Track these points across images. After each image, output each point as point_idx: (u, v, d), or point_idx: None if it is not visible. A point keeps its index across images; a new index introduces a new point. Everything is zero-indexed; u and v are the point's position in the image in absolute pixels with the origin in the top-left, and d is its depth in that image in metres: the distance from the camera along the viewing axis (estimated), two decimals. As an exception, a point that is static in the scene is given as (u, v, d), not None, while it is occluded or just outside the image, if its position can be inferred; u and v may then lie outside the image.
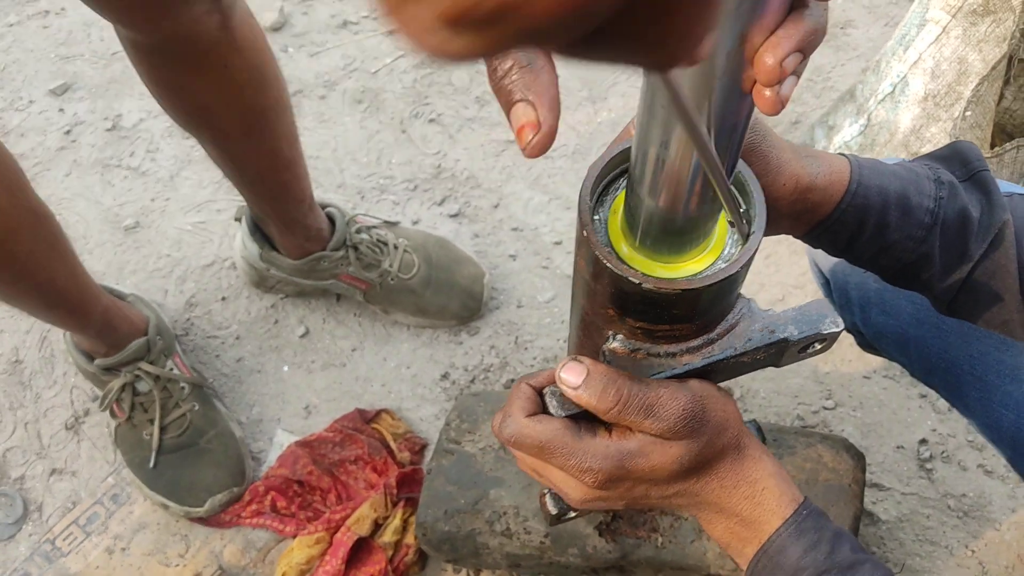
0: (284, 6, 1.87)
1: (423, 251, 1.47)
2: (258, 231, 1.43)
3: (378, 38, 1.85)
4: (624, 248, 0.56)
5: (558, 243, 1.58)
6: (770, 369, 1.42)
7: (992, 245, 0.70)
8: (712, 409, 0.60)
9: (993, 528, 1.29)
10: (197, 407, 1.37)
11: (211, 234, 1.62)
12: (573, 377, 0.59)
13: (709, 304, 0.57)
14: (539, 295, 1.53)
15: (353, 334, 1.52)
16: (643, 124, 0.47)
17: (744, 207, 0.59)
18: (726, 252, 0.57)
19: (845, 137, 1.47)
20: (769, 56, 0.40)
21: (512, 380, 1.45)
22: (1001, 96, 1.42)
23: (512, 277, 1.55)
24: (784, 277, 1.53)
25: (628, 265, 0.54)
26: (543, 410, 0.62)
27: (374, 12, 1.90)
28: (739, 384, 1.42)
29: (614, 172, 0.58)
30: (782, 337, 0.61)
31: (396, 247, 1.45)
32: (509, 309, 1.52)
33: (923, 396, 1.40)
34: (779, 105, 0.42)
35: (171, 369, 1.36)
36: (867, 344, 1.08)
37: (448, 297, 1.47)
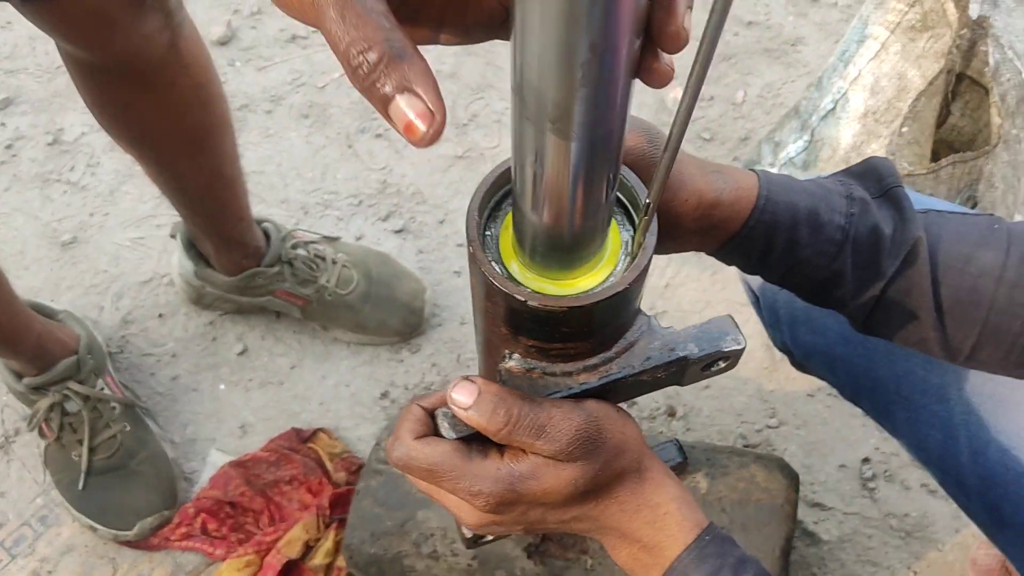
0: (232, 20, 1.85)
1: (363, 266, 1.45)
2: (193, 248, 1.40)
3: (327, 52, 1.83)
4: (515, 266, 0.54)
5: (503, 259, 1.56)
6: (714, 387, 1.41)
7: (905, 262, 0.69)
8: (609, 430, 0.58)
9: (936, 549, 1.27)
10: (128, 427, 1.33)
11: (150, 250, 1.59)
12: (464, 397, 0.56)
13: (602, 322, 0.55)
14: (482, 312, 1.51)
15: (292, 351, 1.49)
16: (516, 135, 0.45)
17: (637, 218, 0.57)
18: (619, 268, 0.55)
19: (790, 153, 1.46)
20: (671, 25, 0.38)
21: (452, 398, 1.43)
22: (948, 113, 1.42)
23: (456, 293, 1.53)
24: (731, 294, 1.51)
25: (516, 283, 0.52)
26: (435, 432, 0.60)
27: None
28: (682, 403, 1.40)
29: (507, 187, 0.56)
30: (682, 355, 0.59)
31: (334, 262, 1.43)
32: (452, 326, 1.50)
33: (866, 415, 1.38)
34: (672, 73, 0.40)
35: (102, 388, 1.33)
36: (799, 363, 1.06)
37: (388, 313, 1.44)
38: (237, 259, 1.35)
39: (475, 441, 0.58)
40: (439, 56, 1.82)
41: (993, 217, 0.73)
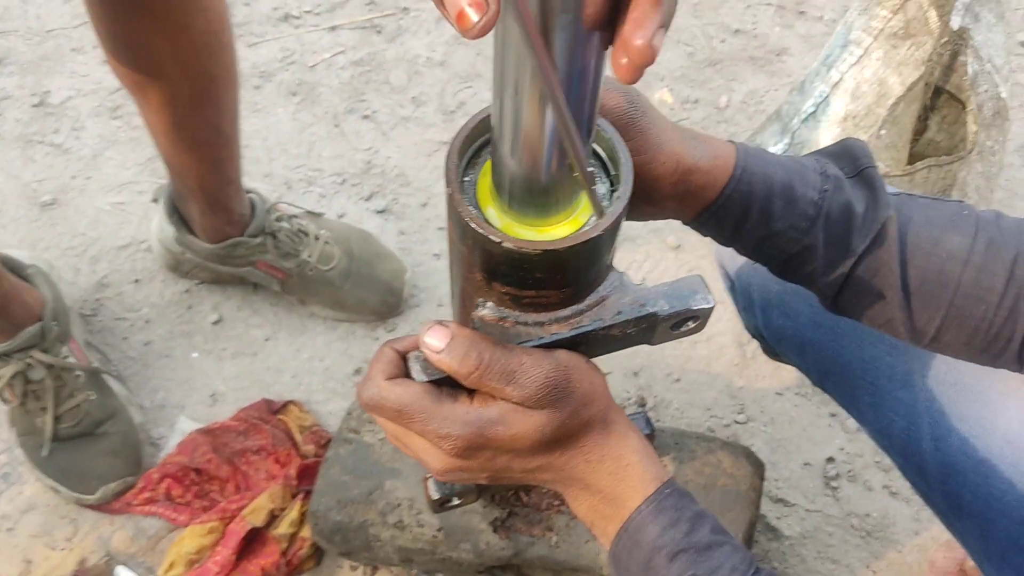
0: (226, -5, 1.85)
1: (345, 244, 1.45)
2: (176, 213, 1.40)
3: (319, 33, 1.84)
4: (492, 211, 0.55)
5: (483, 245, 1.57)
6: (684, 381, 1.43)
7: (875, 242, 0.70)
8: (577, 380, 0.59)
9: (895, 550, 1.29)
10: (94, 396, 1.31)
11: (130, 215, 1.58)
12: (436, 340, 0.57)
13: (575, 269, 0.56)
14: (460, 295, 1.51)
15: (268, 323, 1.48)
16: (498, 71, 0.46)
17: (613, 171, 0.58)
18: (594, 219, 0.56)
19: (771, 156, 1.49)
20: (638, 37, 0.39)
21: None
22: (926, 127, 1.45)
23: (435, 276, 1.53)
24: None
25: (491, 225, 0.53)
26: (406, 375, 0.60)
27: (317, 8, 1.89)
28: (652, 394, 1.41)
29: (487, 134, 0.57)
30: (652, 311, 0.60)
31: (317, 238, 1.43)
32: (429, 307, 1.50)
33: (833, 415, 1.40)
34: (637, 73, 0.41)
35: (66, 357, 1.30)
36: (771, 350, 1.08)
37: (367, 291, 1.44)
38: (221, 225, 1.35)
39: (445, 385, 0.59)
40: (430, 44, 1.83)
41: (962, 204, 0.75)
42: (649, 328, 0.62)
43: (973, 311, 0.71)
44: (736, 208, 0.68)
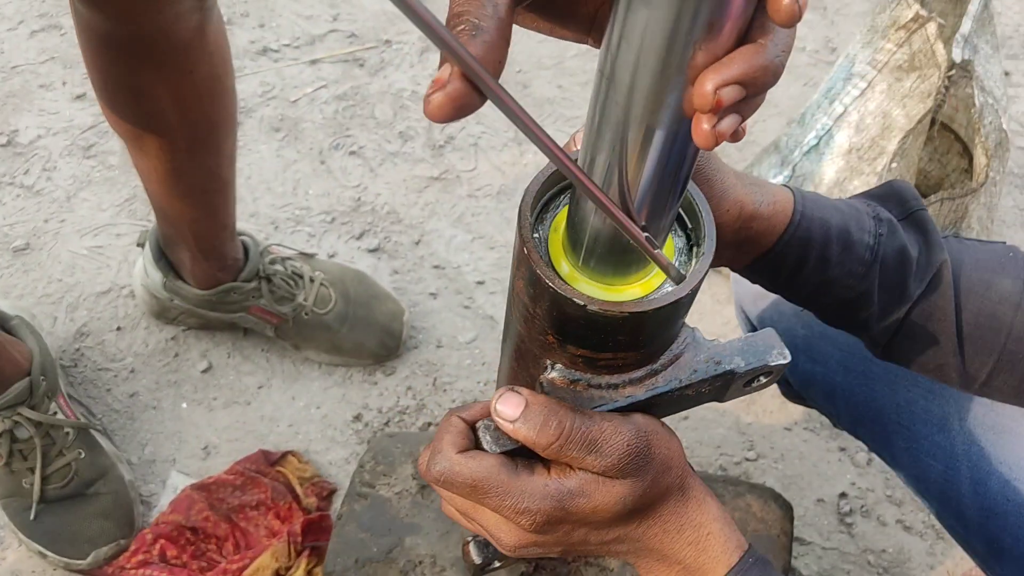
0: (201, 28, 1.79)
1: (340, 285, 1.40)
2: (163, 258, 1.33)
3: (299, 67, 1.80)
4: (565, 268, 0.52)
5: (481, 283, 1.53)
6: (693, 418, 1.40)
7: (930, 286, 0.69)
8: (657, 445, 0.56)
9: (912, 584, 1.28)
10: (83, 455, 1.24)
11: (108, 260, 1.51)
12: (510, 409, 0.53)
13: (656, 330, 0.53)
14: (460, 335, 1.48)
15: (260, 370, 1.43)
16: (592, 130, 0.44)
17: (691, 227, 0.56)
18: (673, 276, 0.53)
19: (769, 188, 1.48)
20: (708, 82, 0.37)
21: (429, 424, 1.39)
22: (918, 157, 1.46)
23: (432, 316, 1.49)
24: (708, 326, 1.51)
25: (571, 286, 0.50)
26: (476, 446, 0.57)
27: (296, 41, 1.85)
28: (662, 433, 1.39)
29: (556, 187, 0.54)
30: (728, 369, 0.58)
31: (312, 280, 1.38)
32: (428, 349, 1.46)
33: (842, 449, 1.39)
34: (712, 139, 0.38)
35: (55, 413, 1.23)
36: (793, 394, 1.06)
37: (365, 334, 1.39)
38: (213, 271, 1.29)
39: (519, 456, 0.55)
40: (414, 77, 1.80)
41: (1007, 245, 0.74)
42: (724, 386, 0.60)
43: None
44: (793, 255, 0.66)
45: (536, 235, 0.53)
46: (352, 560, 1.06)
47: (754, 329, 1.05)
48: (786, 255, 0.66)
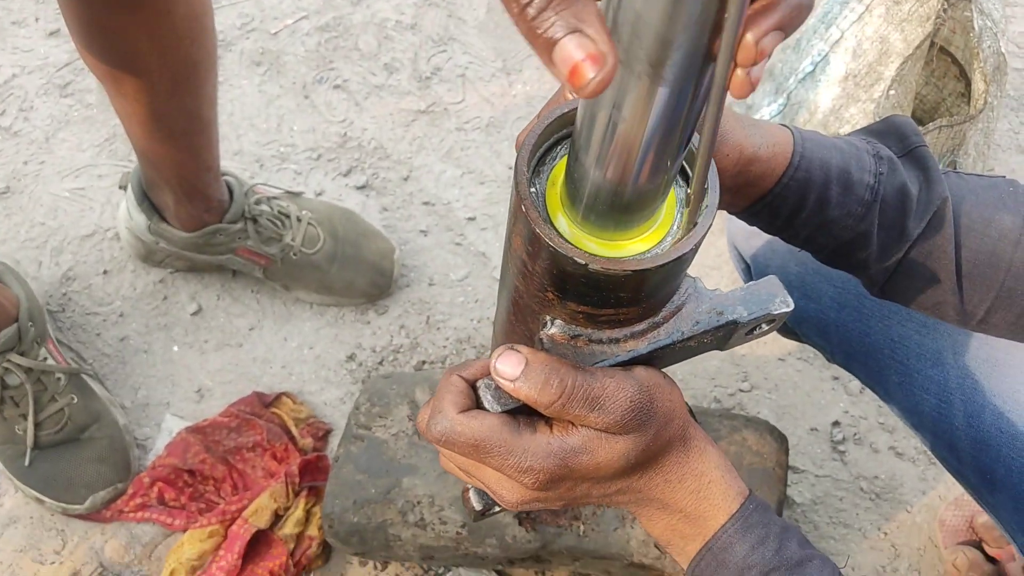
0: (175, -42, 1.73)
1: (328, 224, 1.38)
2: (146, 200, 1.31)
3: (278, -3, 1.74)
4: (563, 224, 0.51)
5: (471, 219, 1.51)
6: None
7: (930, 225, 0.68)
8: (659, 399, 0.55)
9: (905, 510, 1.30)
10: (76, 399, 1.23)
11: (91, 202, 1.48)
12: (510, 368, 0.52)
13: (658, 286, 0.52)
14: (452, 273, 1.46)
15: (250, 312, 1.41)
16: None
17: (691, 173, 0.54)
18: (674, 229, 0.52)
19: (763, 116, 1.45)
20: (749, 34, 0.35)
21: (423, 362, 1.38)
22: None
23: (423, 253, 1.48)
24: (700, 258, 1.50)
25: (571, 244, 0.48)
26: (477, 405, 0.56)
27: (274, -30, 1.78)
28: (656, 366, 1.39)
29: (552, 139, 0.52)
30: (731, 319, 0.56)
31: (299, 220, 1.36)
32: (420, 287, 1.45)
33: (836, 378, 1.40)
34: (749, 88, 0.37)
35: (44, 358, 1.22)
36: (786, 330, 1.05)
37: (355, 273, 1.38)
38: (198, 213, 1.27)
39: (520, 414, 0.54)
40: (398, 6, 1.74)
41: (1007, 179, 0.73)
42: (725, 335, 0.59)
43: (1023, 291, 0.69)
44: (793, 197, 0.64)
45: (533, 190, 0.51)
46: (350, 502, 1.07)
47: (746, 265, 1.04)
48: (785, 198, 0.64)
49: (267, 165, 1.54)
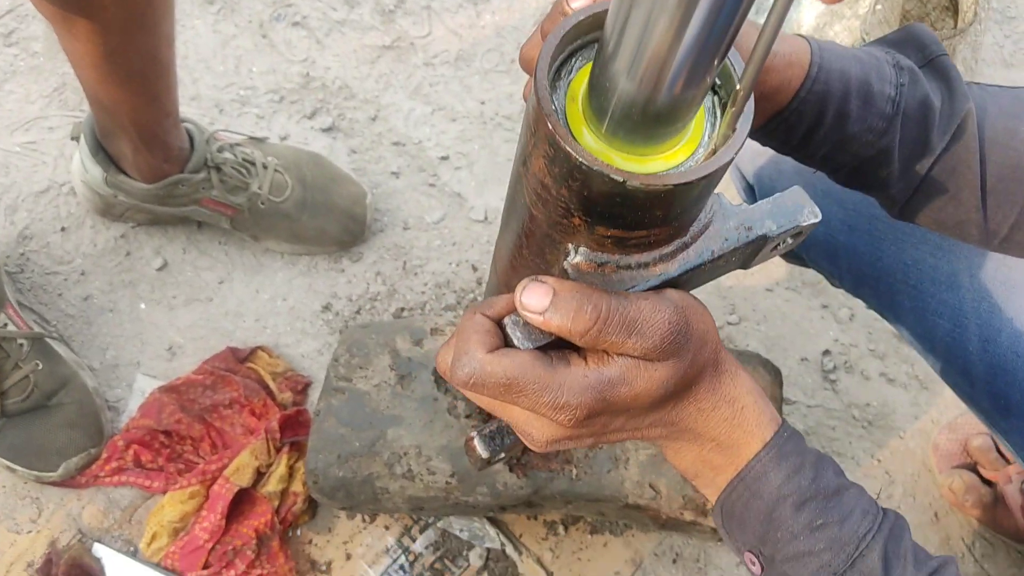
0: None
1: (296, 170, 1.32)
2: (101, 151, 1.23)
3: (229, -69, 1.64)
4: (589, 140, 0.47)
5: (444, 158, 1.45)
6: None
7: (954, 138, 0.64)
8: (695, 321, 0.52)
9: (897, 436, 1.29)
10: (41, 365, 1.18)
11: (43, 156, 1.41)
12: (537, 300, 0.48)
13: (696, 200, 0.48)
14: (427, 215, 1.41)
15: (219, 265, 1.35)
16: None
17: (720, 83, 0.50)
18: (705, 140, 0.48)
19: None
20: None
21: (402, 309, 1.34)
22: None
23: (396, 196, 1.42)
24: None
25: (605, 162, 0.44)
26: (506, 344, 0.51)
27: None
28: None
29: (567, 51, 0.48)
30: (760, 234, 0.54)
31: (265, 166, 1.29)
32: (394, 232, 1.39)
33: (825, 307, 1.37)
34: None
35: (5, 325, 1.16)
36: (792, 255, 1.02)
37: (326, 220, 1.32)
38: (158, 163, 1.20)
39: (552, 349, 0.51)
40: (356, -64, 1.65)
41: None
42: (753, 252, 0.56)
43: None
44: (811, 111, 0.60)
45: (553, 107, 0.47)
46: (335, 456, 1.03)
47: (749, 187, 1.00)
48: (802, 113, 0.60)
49: (227, 110, 1.47)
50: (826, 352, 1.34)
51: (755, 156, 0.94)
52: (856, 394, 1.31)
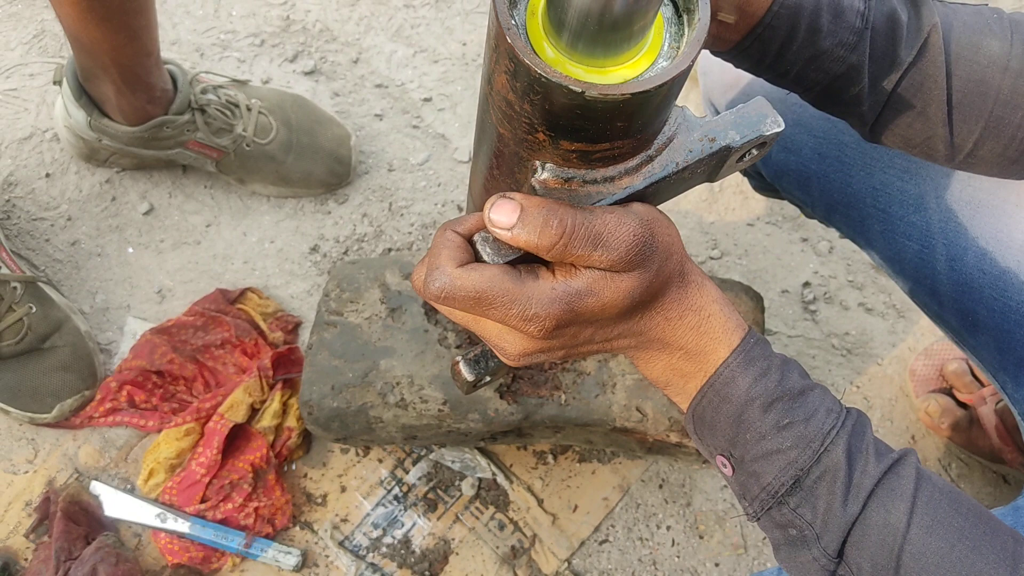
0: None
1: (280, 112, 1.32)
2: (84, 94, 1.23)
3: None
4: (550, 54, 0.48)
5: (428, 100, 1.46)
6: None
7: (920, 52, 0.66)
8: (660, 233, 0.53)
9: (875, 363, 1.32)
10: (35, 309, 1.19)
11: (26, 102, 1.40)
12: (505, 216, 0.49)
13: (657, 110, 0.49)
14: (411, 157, 1.42)
15: (206, 208, 1.36)
16: None
17: None
18: (664, 50, 0.49)
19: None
20: None
21: (390, 249, 1.35)
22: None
23: (380, 138, 1.43)
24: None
25: (564, 74, 0.45)
26: (476, 260, 0.53)
27: None
28: (625, 238, 1.37)
29: None
30: (724, 144, 0.55)
31: (249, 109, 1.29)
32: (380, 173, 1.40)
33: (804, 240, 1.40)
34: None
35: None
36: (765, 186, 1.04)
37: (312, 162, 1.33)
38: (141, 104, 1.20)
39: (521, 264, 0.52)
40: None
41: (990, 7, 0.71)
42: (718, 164, 0.57)
43: (1011, 119, 0.68)
44: (783, 26, 0.62)
45: (513, 22, 0.48)
46: (328, 387, 1.05)
47: None
48: (775, 28, 0.62)
49: (208, 54, 1.46)
50: (806, 284, 1.37)
51: (727, 90, 0.95)
52: (836, 323, 1.34)
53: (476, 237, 0.52)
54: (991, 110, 0.68)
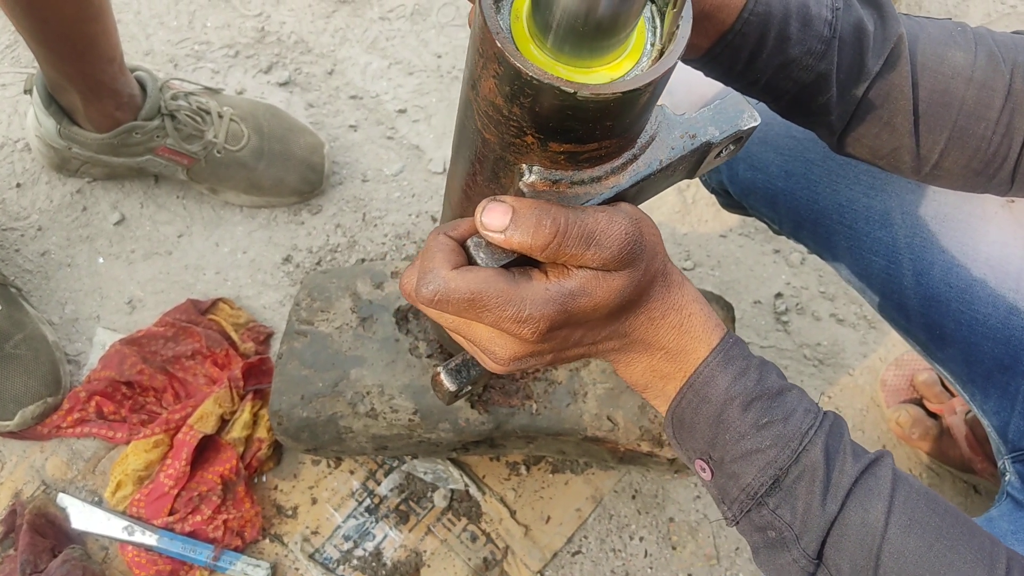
0: None
1: (252, 120, 1.32)
2: (54, 104, 1.22)
3: None
4: (537, 56, 0.48)
5: (402, 111, 1.46)
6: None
7: (887, 62, 0.67)
8: (646, 232, 0.54)
9: (847, 373, 1.33)
10: (0, 308, 1.18)
11: (-5, 112, 1.39)
12: (498, 219, 0.49)
13: (645, 108, 0.50)
14: (385, 168, 1.42)
15: (177, 218, 1.35)
16: None
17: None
18: (648, 49, 0.50)
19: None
20: None
21: (363, 260, 1.35)
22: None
23: (354, 149, 1.43)
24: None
25: (555, 75, 0.46)
26: (469, 263, 0.53)
27: None
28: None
29: None
30: (704, 140, 0.56)
31: (220, 115, 1.29)
32: (354, 184, 1.40)
33: (777, 251, 1.40)
34: None
35: None
36: (732, 203, 1.04)
37: (284, 170, 1.32)
38: (109, 111, 1.19)
39: (514, 266, 0.52)
40: None
41: (953, 21, 0.72)
42: (699, 160, 0.58)
43: (974, 130, 0.69)
44: (753, 33, 0.63)
45: (499, 26, 0.48)
46: (298, 397, 1.04)
47: None
48: (746, 35, 0.63)
49: (181, 65, 1.46)
50: (778, 295, 1.37)
51: (698, 100, 0.96)
52: (807, 334, 1.35)
53: (469, 242, 0.53)
54: (955, 120, 0.69)
